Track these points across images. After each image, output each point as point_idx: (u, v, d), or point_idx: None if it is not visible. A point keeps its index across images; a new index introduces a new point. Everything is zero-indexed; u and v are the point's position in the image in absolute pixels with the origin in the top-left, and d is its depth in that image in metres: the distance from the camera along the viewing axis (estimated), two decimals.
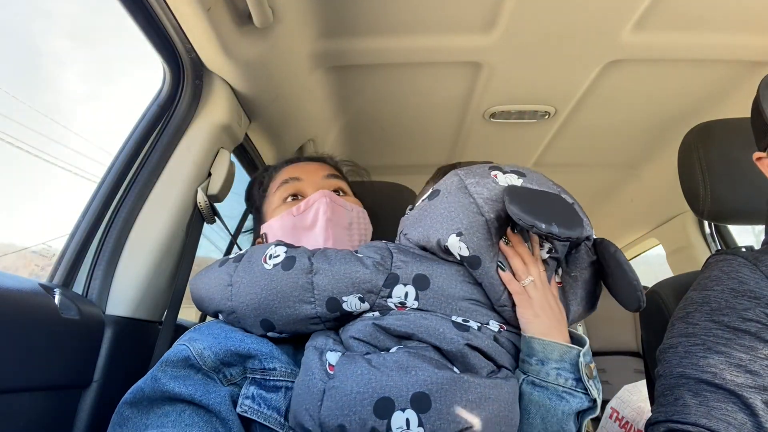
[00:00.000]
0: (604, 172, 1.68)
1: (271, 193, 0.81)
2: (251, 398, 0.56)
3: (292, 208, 0.75)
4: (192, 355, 0.55)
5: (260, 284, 0.60)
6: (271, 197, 0.81)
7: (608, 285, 0.66)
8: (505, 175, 0.65)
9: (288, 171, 0.82)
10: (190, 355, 0.55)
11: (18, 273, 0.62)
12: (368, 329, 0.58)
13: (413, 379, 0.51)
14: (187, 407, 0.53)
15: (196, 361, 0.55)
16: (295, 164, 0.84)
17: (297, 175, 0.79)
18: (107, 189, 0.76)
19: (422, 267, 0.61)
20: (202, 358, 0.55)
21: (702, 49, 1.01)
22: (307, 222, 0.74)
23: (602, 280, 0.67)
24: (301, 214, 0.74)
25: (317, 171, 0.82)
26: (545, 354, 0.57)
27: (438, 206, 0.63)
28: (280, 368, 0.58)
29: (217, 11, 0.74)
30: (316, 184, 0.78)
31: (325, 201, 0.74)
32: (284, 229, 0.74)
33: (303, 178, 0.79)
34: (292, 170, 0.81)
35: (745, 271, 0.64)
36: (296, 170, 0.81)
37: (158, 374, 0.54)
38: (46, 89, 42.14)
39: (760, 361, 0.56)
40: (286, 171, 0.82)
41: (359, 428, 0.49)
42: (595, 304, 0.68)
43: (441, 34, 0.98)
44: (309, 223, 0.74)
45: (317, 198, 0.75)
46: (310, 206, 0.74)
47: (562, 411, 0.55)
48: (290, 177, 0.79)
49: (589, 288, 0.66)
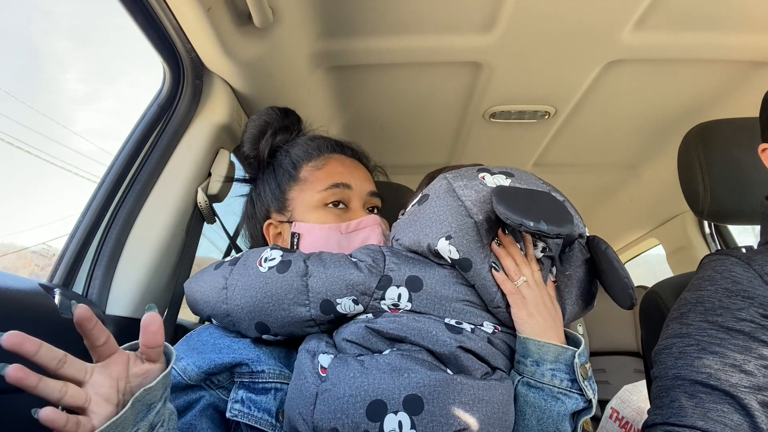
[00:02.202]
0: (604, 172, 1.68)
1: (308, 183, 0.74)
2: (240, 402, 0.56)
3: (341, 224, 0.71)
4: (177, 373, 0.57)
5: (255, 287, 0.60)
6: (309, 189, 0.74)
7: (602, 282, 0.66)
8: (493, 176, 0.66)
9: (336, 168, 0.75)
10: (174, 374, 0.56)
11: (18, 273, 0.62)
12: (361, 332, 0.58)
13: (405, 381, 0.51)
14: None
15: (180, 378, 0.56)
16: (342, 159, 0.77)
17: (347, 181, 0.74)
18: (107, 189, 0.76)
19: (415, 269, 0.61)
20: (186, 374, 0.57)
21: (702, 49, 1.01)
22: (355, 243, 0.71)
23: (597, 277, 0.67)
24: (348, 234, 0.71)
25: (365, 181, 0.77)
26: (540, 355, 0.57)
27: (427, 210, 0.64)
28: (269, 370, 0.59)
29: (217, 11, 0.74)
30: (362, 199, 0.75)
31: (378, 231, 0.72)
32: (328, 243, 0.70)
33: (352, 187, 0.74)
34: (341, 170, 0.75)
35: (738, 270, 0.64)
36: (345, 172, 0.75)
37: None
38: (46, 89, 42.20)
39: (754, 361, 0.56)
40: (334, 166, 0.75)
41: (352, 431, 0.49)
42: (591, 301, 0.68)
43: (441, 34, 0.98)
44: (356, 244, 0.71)
45: (369, 224, 0.72)
46: (360, 229, 0.72)
47: (557, 412, 0.55)
48: (340, 182, 0.73)
49: (584, 286, 0.66)
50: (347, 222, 0.72)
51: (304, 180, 0.75)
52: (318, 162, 0.76)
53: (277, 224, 0.76)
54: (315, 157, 0.77)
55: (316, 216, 0.72)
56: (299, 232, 0.72)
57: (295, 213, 0.74)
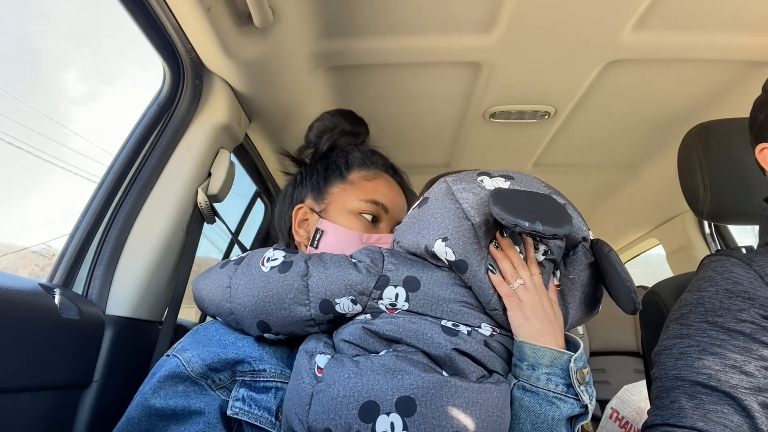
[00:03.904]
0: (604, 172, 1.68)
1: (352, 186, 0.76)
2: (241, 400, 0.57)
3: (363, 234, 0.72)
4: (181, 363, 0.57)
5: (257, 286, 0.61)
6: (351, 193, 0.75)
7: (606, 287, 0.65)
8: (492, 179, 0.66)
9: (382, 189, 0.77)
10: (179, 363, 0.57)
11: (18, 273, 0.62)
12: (358, 332, 0.58)
13: (399, 383, 0.51)
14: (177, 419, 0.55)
15: (184, 368, 0.57)
16: (390, 183, 0.80)
17: (388, 204, 0.75)
18: (107, 189, 0.76)
19: (413, 270, 0.61)
20: (189, 365, 0.57)
21: (702, 49, 1.01)
22: None
23: (601, 281, 0.66)
24: (367, 244, 0.72)
25: (400, 210, 0.78)
26: (536, 359, 0.57)
27: (426, 213, 0.64)
28: (270, 369, 0.60)
29: (217, 11, 0.74)
30: (392, 225, 0.76)
31: None
32: (347, 246, 0.70)
33: (389, 211, 0.75)
34: (385, 192, 0.77)
35: (739, 271, 0.64)
36: (388, 197, 0.76)
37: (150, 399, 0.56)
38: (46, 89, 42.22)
39: (755, 362, 0.56)
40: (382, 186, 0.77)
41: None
42: (595, 306, 0.67)
43: (441, 34, 0.98)
44: None
45: (388, 241, 0.73)
46: (380, 244, 0.73)
47: (552, 417, 0.55)
48: (382, 202, 0.74)
49: (587, 290, 0.65)
50: (369, 234, 0.73)
51: (350, 182, 0.77)
52: (369, 173, 0.78)
53: (308, 210, 0.77)
54: (368, 167, 0.79)
55: (348, 220, 0.73)
56: (324, 230, 0.73)
57: (329, 208, 0.75)
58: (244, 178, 1.26)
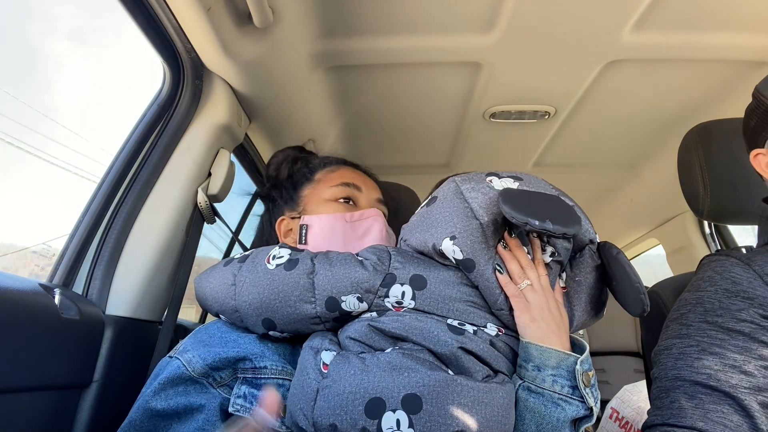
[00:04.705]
0: (604, 172, 1.68)
1: (321, 182, 0.81)
2: (243, 397, 0.57)
3: (345, 213, 0.76)
4: (182, 364, 0.57)
5: (263, 284, 0.61)
6: (321, 187, 0.80)
7: (612, 289, 0.65)
8: (501, 179, 0.66)
9: (348, 173, 0.82)
10: (180, 365, 0.57)
11: (18, 273, 0.62)
12: (364, 330, 0.58)
13: (405, 380, 0.51)
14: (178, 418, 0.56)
15: (185, 369, 0.57)
16: (353, 170, 0.85)
17: (358, 183, 0.80)
18: (107, 189, 0.76)
19: (420, 268, 0.61)
20: (191, 365, 0.57)
21: (702, 49, 1.01)
22: (359, 232, 0.75)
23: (607, 284, 0.66)
24: (353, 222, 0.76)
25: (374, 190, 0.83)
26: (542, 360, 0.57)
27: (434, 212, 0.64)
28: (272, 366, 0.60)
29: (217, 11, 0.74)
30: (370, 202, 0.80)
31: (381, 220, 0.77)
32: (334, 230, 0.74)
33: (362, 190, 0.80)
34: (352, 175, 0.82)
35: (738, 270, 0.64)
36: (356, 177, 0.82)
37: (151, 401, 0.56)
38: (46, 89, 42.22)
39: (754, 362, 0.56)
40: (346, 172, 0.83)
41: (350, 428, 0.49)
42: (600, 309, 0.67)
43: (441, 34, 0.98)
44: (360, 233, 0.75)
45: (373, 214, 0.77)
46: (365, 219, 0.76)
47: (557, 418, 0.55)
48: (352, 182, 0.80)
49: (593, 293, 0.65)
50: (352, 212, 0.76)
51: (318, 180, 0.82)
52: (332, 167, 0.85)
53: (288, 221, 0.80)
54: (330, 164, 0.85)
55: (326, 208, 0.77)
56: (307, 224, 0.76)
57: (307, 207, 0.79)
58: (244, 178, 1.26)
